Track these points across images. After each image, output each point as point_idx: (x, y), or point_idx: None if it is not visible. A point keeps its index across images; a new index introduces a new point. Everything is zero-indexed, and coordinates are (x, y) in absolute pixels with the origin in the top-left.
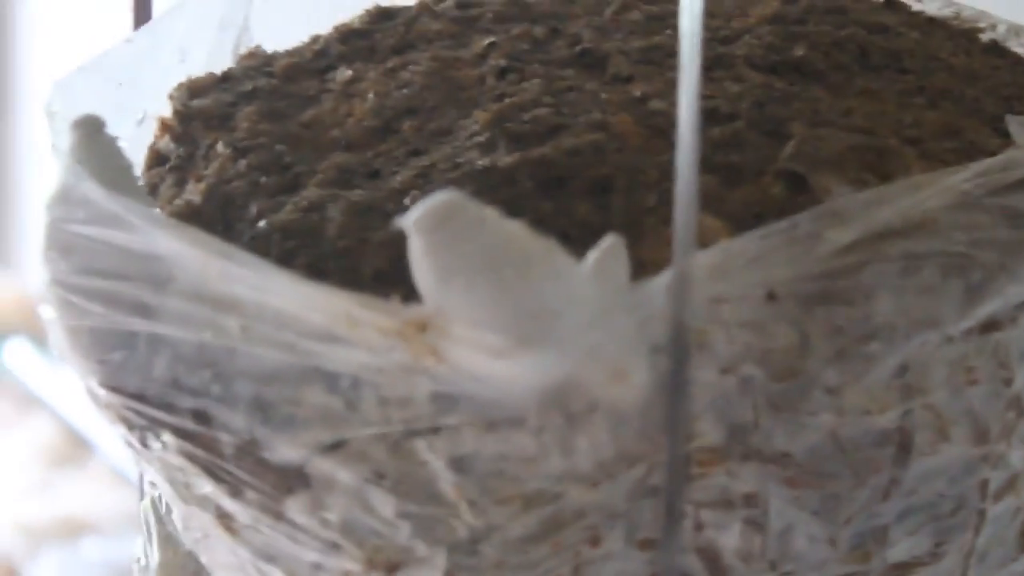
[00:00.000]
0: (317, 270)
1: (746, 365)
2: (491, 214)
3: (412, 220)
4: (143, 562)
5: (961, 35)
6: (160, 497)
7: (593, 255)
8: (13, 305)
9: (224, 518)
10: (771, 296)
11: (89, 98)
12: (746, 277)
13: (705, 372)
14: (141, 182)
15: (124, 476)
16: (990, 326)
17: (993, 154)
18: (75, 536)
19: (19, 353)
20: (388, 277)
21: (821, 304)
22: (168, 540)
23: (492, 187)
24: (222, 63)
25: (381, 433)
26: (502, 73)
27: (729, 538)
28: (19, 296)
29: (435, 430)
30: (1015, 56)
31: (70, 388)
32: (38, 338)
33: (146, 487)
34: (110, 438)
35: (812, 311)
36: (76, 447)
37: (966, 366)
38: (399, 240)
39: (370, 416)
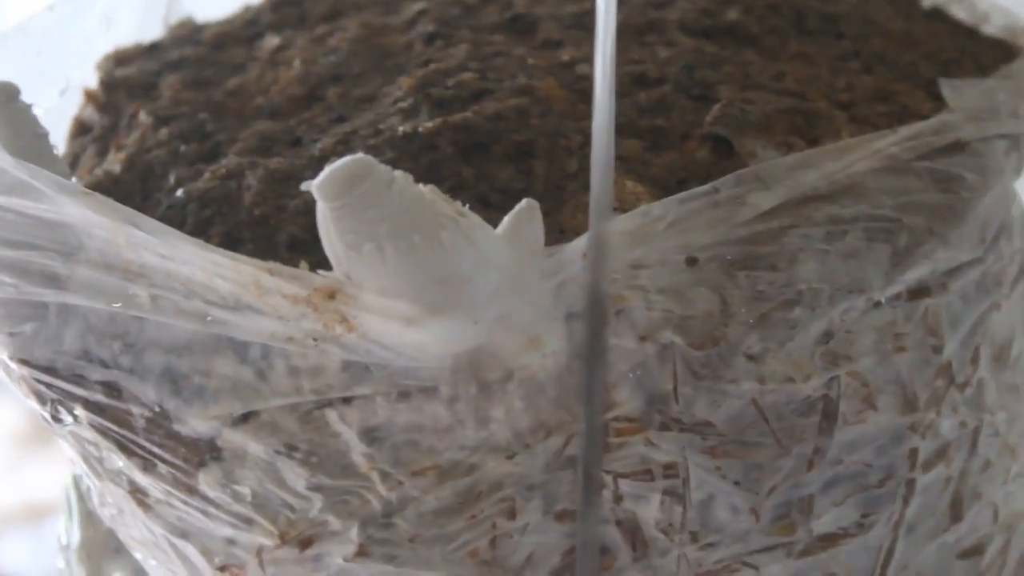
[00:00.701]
0: (233, 238)
1: (665, 332)
2: (400, 177)
3: (318, 184)
4: (64, 540)
5: (902, 0)
6: (80, 475)
7: (507, 219)
8: None
9: (137, 493)
10: (691, 261)
11: (8, 65)
12: (666, 242)
13: (623, 339)
14: (62, 152)
15: None
16: (919, 292)
17: (926, 118)
18: (40, 521)
19: None
20: (304, 245)
21: (743, 269)
22: (89, 518)
23: (413, 153)
24: (152, 32)
25: (292, 403)
26: (430, 39)
27: (649, 509)
28: None
29: (347, 400)
30: (955, 21)
31: None
32: None
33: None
34: None
35: (734, 276)
36: (41, 430)
37: (894, 333)
38: (315, 208)
39: (280, 386)
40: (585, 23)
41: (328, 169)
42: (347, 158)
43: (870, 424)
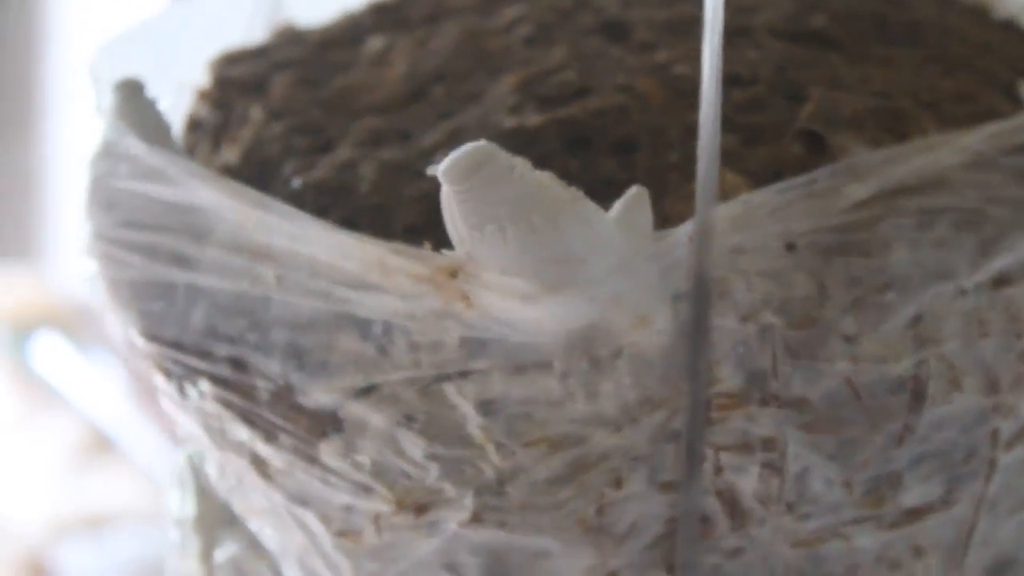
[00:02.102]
0: (350, 225)
1: (765, 313)
2: (520, 163)
3: (444, 168)
4: (178, 514)
5: (975, 10)
6: (195, 451)
7: (618, 204)
8: (38, 300)
9: (259, 463)
10: (790, 247)
11: (130, 64)
12: (766, 228)
13: (725, 320)
14: (179, 146)
15: (147, 472)
16: (1002, 281)
17: (1006, 117)
18: (99, 530)
19: (45, 349)
20: (419, 231)
21: (839, 255)
22: (203, 492)
23: (520, 146)
24: (257, 37)
25: (412, 377)
26: (529, 41)
27: (748, 481)
28: (44, 291)
29: (464, 374)
30: None
31: (95, 385)
32: (64, 334)
33: (181, 441)
34: (134, 435)
35: (830, 262)
36: (100, 444)
37: (979, 319)
38: (430, 196)
39: (401, 361)
40: (676, 27)
41: (453, 154)
42: (471, 144)
43: (956, 404)
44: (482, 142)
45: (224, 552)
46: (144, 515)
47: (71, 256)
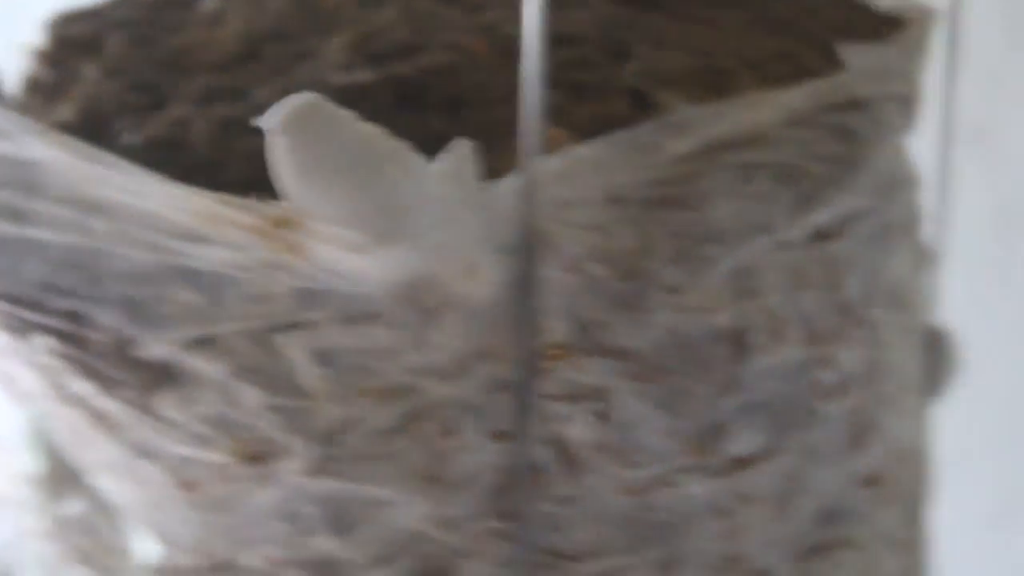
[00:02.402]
0: (183, 180)
1: (591, 264)
2: (347, 116)
3: (271, 119)
4: (24, 472)
5: None
6: (38, 409)
7: (444, 157)
8: None
9: (99, 417)
10: (614, 200)
11: None
12: (591, 181)
13: (552, 271)
14: (14, 103)
15: None
16: (821, 235)
17: (826, 77)
18: None
19: None
20: (252, 186)
21: (661, 208)
22: (47, 450)
23: (351, 102)
24: None
25: (245, 328)
26: (362, 2)
27: (578, 430)
28: None
29: (297, 325)
30: None
31: None
32: None
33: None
34: None
35: (653, 214)
36: None
37: (798, 271)
38: (262, 151)
39: (234, 312)
40: None
41: (280, 106)
42: (299, 96)
43: (778, 355)
44: (309, 94)
45: (70, 508)
46: None
47: None
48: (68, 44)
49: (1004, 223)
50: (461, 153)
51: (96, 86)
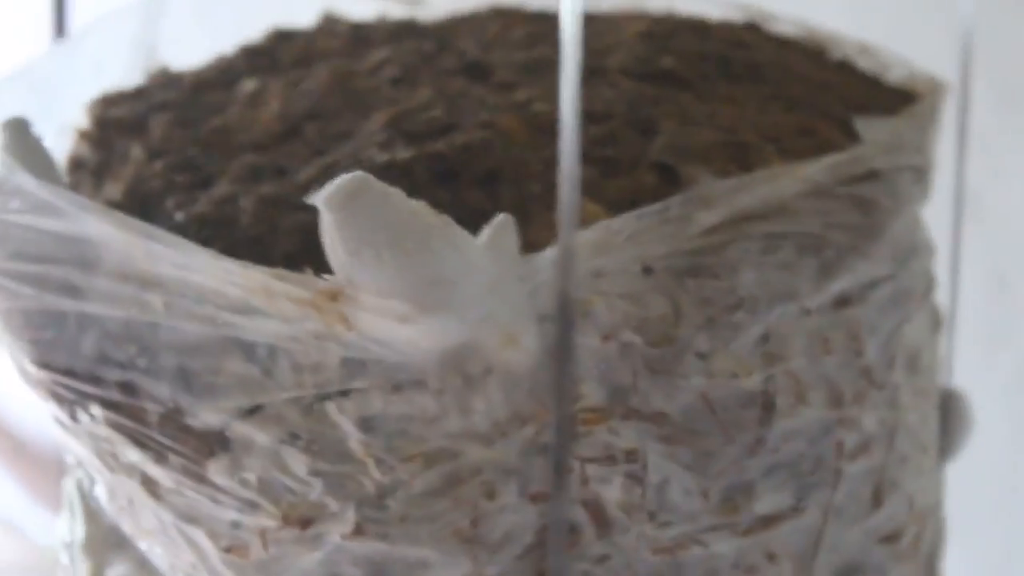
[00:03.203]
0: (232, 255)
1: (625, 332)
2: (395, 192)
3: (324, 197)
4: (68, 538)
5: (814, 52)
6: (83, 476)
7: (487, 231)
8: None
9: (149, 484)
10: (647, 270)
11: (14, 104)
12: (624, 253)
13: (588, 338)
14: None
15: (12, 525)
16: (842, 302)
17: (843, 150)
18: None
19: None
20: (297, 260)
21: (691, 277)
22: (92, 515)
23: (391, 180)
24: (133, 79)
25: (295, 397)
26: (396, 82)
27: (612, 491)
28: None
29: (345, 393)
30: (861, 71)
31: None
32: None
33: (70, 467)
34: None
35: (684, 283)
36: None
37: (822, 337)
38: (306, 227)
39: (285, 381)
40: (535, 68)
41: (332, 183)
42: (348, 175)
43: (803, 417)
44: (358, 173)
45: (114, 573)
46: (11, 567)
47: None
48: (111, 125)
49: (999, 288)
50: (503, 227)
51: (141, 166)
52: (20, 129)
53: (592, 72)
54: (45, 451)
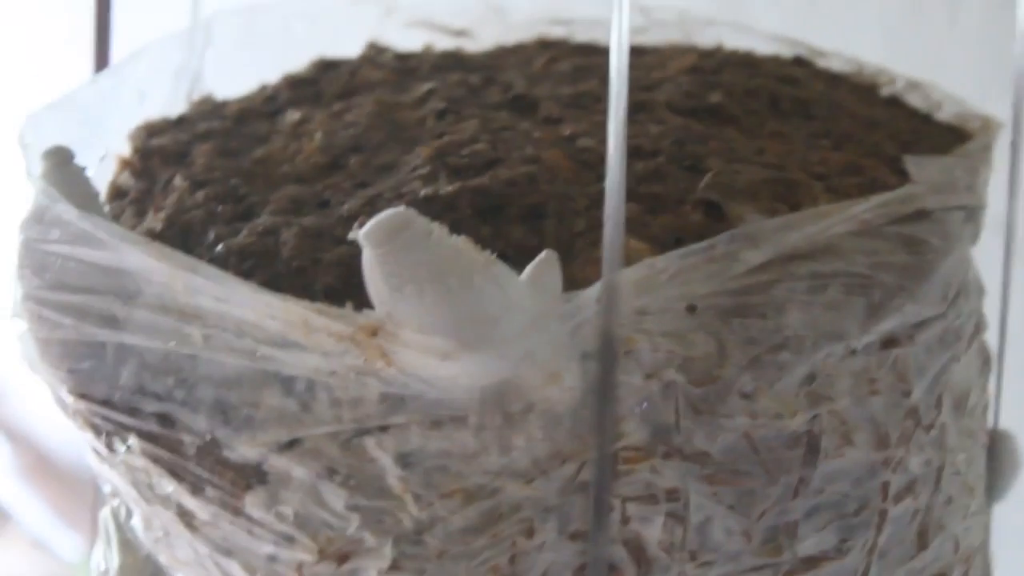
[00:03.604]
0: (273, 288)
1: (668, 371)
2: (437, 228)
3: (366, 232)
4: (103, 567)
5: (863, 88)
6: (119, 506)
7: (530, 267)
8: None
9: (185, 516)
10: (691, 309)
11: (57, 132)
12: (668, 291)
13: (631, 377)
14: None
15: (42, 543)
16: (890, 342)
17: (893, 189)
18: None
19: None
20: (339, 293)
21: (737, 316)
22: (127, 545)
23: (435, 214)
24: (177, 108)
25: (333, 432)
26: (441, 114)
27: (653, 530)
28: None
29: (384, 428)
30: (911, 108)
31: None
32: None
33: (105, 497)
34: (27, 506)
35: (729, 323)
36: None
37: (868, 377)
38: (348, 261)
39: (323, 416)
40: (581, 102)
41: (375, 219)
42: (390, 210)
43: (848, 458)
44: (401, 208)
45: None
46: None
47: None
48: (153, 154)
49: None
50: (546, 263)
51: (183, 197)
52: (62, 158)
53: (639, 107)
54: (73, 471)
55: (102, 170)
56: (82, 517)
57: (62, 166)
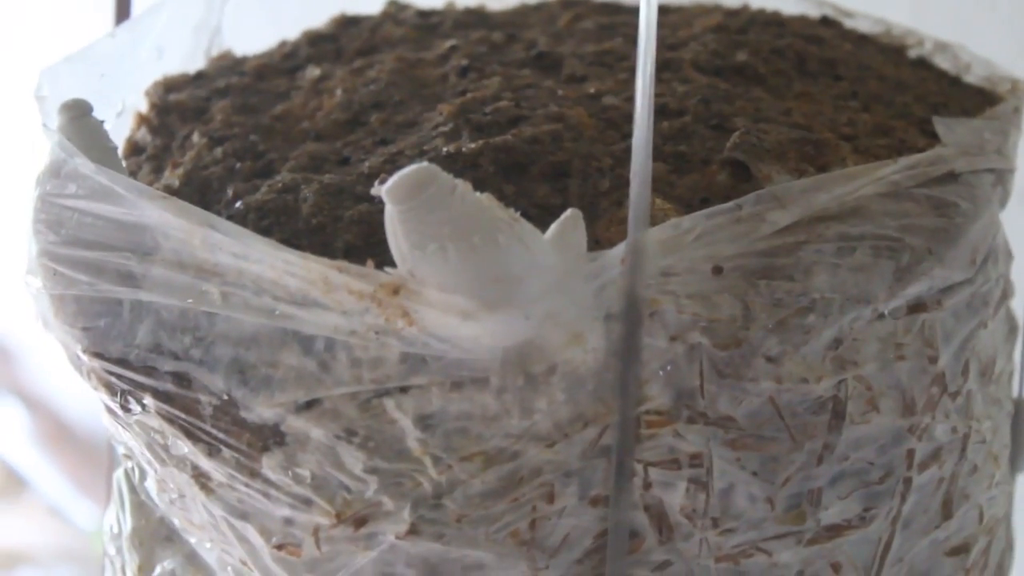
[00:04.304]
0: (292, 246)
1: (693, 333)
2: (462, 185)
3: (388, 188)
4: (115, 529)
5: (891, 49)
6: (133, 468)
7: (554, 226)
8: None
9: (200, 477)
10: (717, 270)
11: (74, 86)
12: (694, 252)
13: (655, 339)
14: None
15: (58, 511)
16: (918, 307)
17: (922, 151)
18: (11, 570)
19: None
20: (359, 252)
21: (763, 279)
22: (140, 507)
23: (457, 172)
24: (196, 63)
25: (352, 392)
26: (464, 72)
27: (675, 496)
28: None
29: (404, 389)
30: (940, 70)
31: (5, 424)
32: None
33: (119, 458)
34: (44, 473)
35: (755, 285)
36: (11, 482)
37: (895, 342)
38: (369, 218)
39: (342, 376)
40: (605, 61)
41: (397, 175)
42: (414, 166)
43: (873, 425)
44: (424, 163)
45: (162, 567)
46: (55, 553)
47: None
48: (171, 110)
49: None
50: (571, 222)
51: (202, 153)
52: (80, 111)
53: (664, 65)
54: (90, 439)
55: (119, 126)
56: (99, 485)
57: (79, 119)
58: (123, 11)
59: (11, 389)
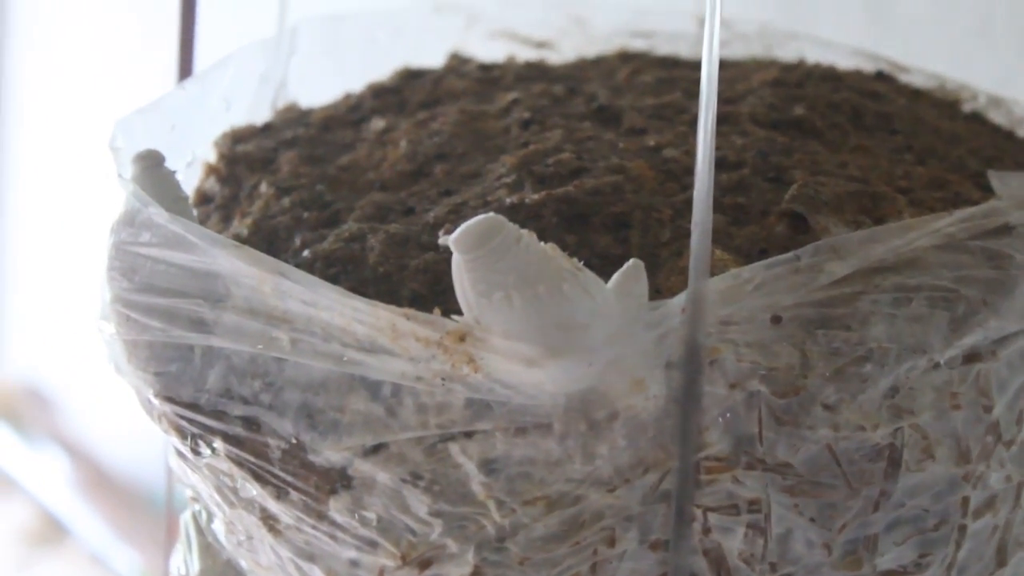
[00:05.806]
0: (359, 294)
1: (752, 381)
2: (527, 235)
3: (455, 238)
4: (183, 571)
5: (945, 104)
6: (201, 510)
7: (617, 276)
8: None
9: (268, 519)
10: (776, 319)
11: (146, 137)
12: (753, 302)
13: (715, 387)
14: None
15: (99, 558)
16: (972, 357)
17: (976, 204)
18: None
19: None
20: (424, 300)
21: (820, 328)
22: (208, 549)
23: (520, 222)
24: (261, 115)
25: (418, 437)
26: (526, 124)
27: (734, 540)
28: None
29: (468, 434)
30: (993, 124)
31: (47, 471)
32: (16, 422)
33: (186, 500)
34: (86, 522)
35: (812, 334)
36: (53, 530)
37: (951, 392)
38: (434, 267)
39: (409, 421)
40: (664, 114)
41: (465, 225)
42: (481, 216)
43: (929, 472)
44: (491, 214)
45: None
46: None
47: (18, 345)
48: (239, 160)
49: None
50: (633, 272)
51: (270, 202)
52: (153, 161)
53: (723, 119)
54: (132, 486)
55: (188, 176)
56: (140, 533)
57: (153, 169)
58: (187, 63)
59: (52, 436)
